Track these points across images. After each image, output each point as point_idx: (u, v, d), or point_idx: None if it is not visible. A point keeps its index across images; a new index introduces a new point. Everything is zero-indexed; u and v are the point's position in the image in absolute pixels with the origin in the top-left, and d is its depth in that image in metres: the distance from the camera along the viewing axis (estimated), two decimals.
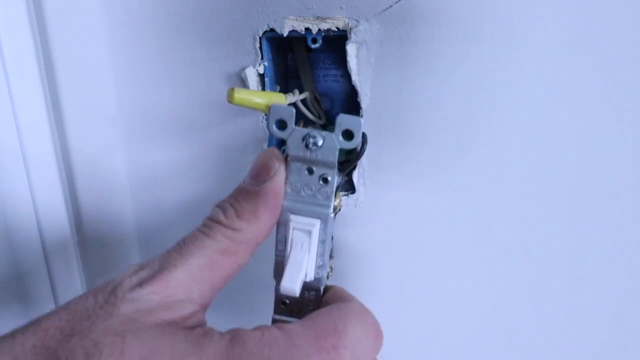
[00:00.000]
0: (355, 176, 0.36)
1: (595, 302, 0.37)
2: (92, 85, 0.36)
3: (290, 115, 0.25)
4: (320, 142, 0.25)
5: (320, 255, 0.26)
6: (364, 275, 0.38)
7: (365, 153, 0.35)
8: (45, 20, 0.34)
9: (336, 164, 0.25)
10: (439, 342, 0.38)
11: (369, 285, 0.38)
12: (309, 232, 0.25)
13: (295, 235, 0.25)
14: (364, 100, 0.33)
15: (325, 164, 0.25)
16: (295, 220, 0.25)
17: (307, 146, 0.25)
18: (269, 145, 0.36)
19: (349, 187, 0.37)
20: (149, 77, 0.35)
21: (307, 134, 0.25)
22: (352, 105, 0.37)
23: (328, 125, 0.39)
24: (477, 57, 0.31)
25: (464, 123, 0.33)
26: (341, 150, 0.25)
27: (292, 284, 0.24)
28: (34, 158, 0.35)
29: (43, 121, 0.34)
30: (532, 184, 0.34)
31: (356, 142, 0.25)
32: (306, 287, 0.26)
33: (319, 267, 0.26)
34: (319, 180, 0.25)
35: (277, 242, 0.26)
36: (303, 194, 0.25)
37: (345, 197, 0.36)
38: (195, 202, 0.39)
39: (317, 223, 0.25)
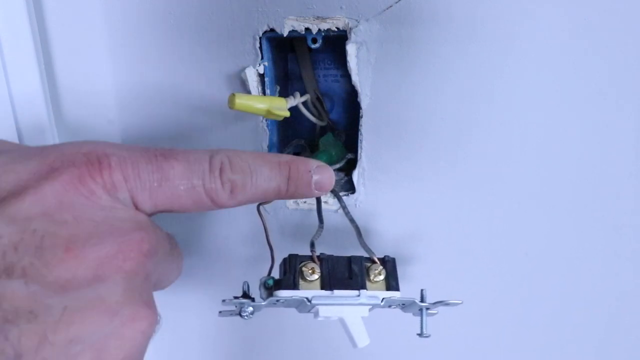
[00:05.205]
0: (355, 176, 0.36)
1: (595, 302, 0.37)
2: (92, 85, 0.36)
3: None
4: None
5: None
6: None
7: (366, 153, 0.35)
8: (45, 20, 0.34)
9: None
10: (437, 343, 0.38)
11: None
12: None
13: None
14: (364, 100, 0.33)
15: None
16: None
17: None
18: (269, 146, 0.36)
19: (349, 187, 0.37)
20: (148, 78, 0.35)
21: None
22: (352, 105, 0.37)
23: (330, 126, 0.39)
24: (477, 56, 0.31)
25: (464, 123, 0.33)
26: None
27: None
28: None
29: (44, 122, 0.34)
30: (531, 183, 0.34)
31: None
32: None
33: None
34: None
35: None
36: None
37: (345, 197, 0.36)
38: None
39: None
